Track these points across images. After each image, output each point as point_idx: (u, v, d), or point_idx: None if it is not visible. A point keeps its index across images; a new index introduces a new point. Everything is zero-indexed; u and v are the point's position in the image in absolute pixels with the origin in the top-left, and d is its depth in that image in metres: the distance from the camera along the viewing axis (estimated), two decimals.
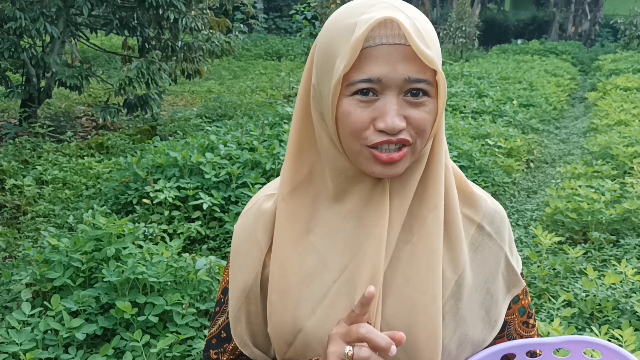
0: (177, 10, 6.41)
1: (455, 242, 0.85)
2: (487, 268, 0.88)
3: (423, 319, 0.81)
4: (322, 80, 0.78)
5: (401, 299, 0.82)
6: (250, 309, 0.88)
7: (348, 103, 0.75)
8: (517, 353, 0.89)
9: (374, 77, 0.74)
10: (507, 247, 0.91)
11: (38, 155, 5.48)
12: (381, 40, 0.73)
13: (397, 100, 0.75)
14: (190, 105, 9.36)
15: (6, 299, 3.09)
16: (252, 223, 0.89)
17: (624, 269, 3.09)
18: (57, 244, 3.04)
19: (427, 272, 0.82)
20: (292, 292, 0.83)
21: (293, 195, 0.84)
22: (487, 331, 0.88)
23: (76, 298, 2.73)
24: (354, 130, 0.76)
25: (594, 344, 0.87)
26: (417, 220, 0.82)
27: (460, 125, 6.70)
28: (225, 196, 4.06)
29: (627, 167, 5.30)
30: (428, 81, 0.76)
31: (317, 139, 0.83)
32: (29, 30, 5.67)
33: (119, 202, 4.15)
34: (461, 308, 0.85)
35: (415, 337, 0.81)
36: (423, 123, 0.76)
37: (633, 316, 2.93)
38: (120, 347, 2.59)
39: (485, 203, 0.90)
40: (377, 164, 0.77)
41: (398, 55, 0.74)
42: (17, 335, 2.49)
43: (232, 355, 0.91)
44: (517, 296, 0.93)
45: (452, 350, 0.85)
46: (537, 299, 3.37)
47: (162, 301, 2.71)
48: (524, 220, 4.84)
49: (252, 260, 0.88)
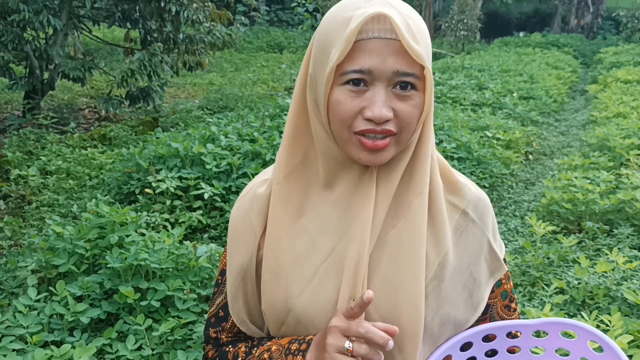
0: (179, 2, 6.46)
1: (439, 227, 0.90)
2: (470, 252, 0.93)
3: (406, 298, 0.86)
4: (318, 70, 0.83)
5: (386, 279, 0.87)
6: (246, 288, 0.93)
7: (339, 92, 0.80)
8: (498, 334, 0.94)
9: (364, 68, 0.79)
10: (490, 233, 0.96)
11: (42, 146, 5.55)
12: (374, 34, 0.78)
13: (386, 91, 0.80)
14: (192, 98, 9.41)
15: (12, 285, 3.16)
16: (248, 207, 0.94)
17: (615, 257, 3.16)
18: (62, 231, 3.12)
19: (411, 254, 0.86)
20: (284, 272, 0.89)
21: (288, 180, 0.90)
22: (470, 312, 0.93)
23: (80, 284, 2.81)
24: (343, 118, 0.81)
25: (569, 325, 0.92)
26: (403, 205, 0.88)
27: (459, 117, 6.75)
28: (226, 186, 4.13)
29: (624, 159, 5.36)
30: (416, 75, 0.80)
31: (311, 125, 0.88)
32: (32, 22, 5.72)
33: (121, 192, 4.23)
34: (443, 289, 0.90)
35: (399, 315, 0.86)
36: (409, 116, 0.81)
37: (623, 303, 2.99)
38: (124, 330, 2.66)
39: (469, 191, 0.95)
40: (363, 150, 0.82)
41: (388, 49, 0.78)
42: (24, 318, 2.57)
43: (230, 333, 0.97)
44: (500, 280, 0.98)
45: (435, 328, 0.90)
46: (530, 287, 3.44)
47: (164, 287, 2.78)
48: (520, 211, 4.90)
49: (248, 242, 0.93)
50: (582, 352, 0.91)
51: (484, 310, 0.97)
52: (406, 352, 0.86)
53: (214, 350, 0.97)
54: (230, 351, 0.93)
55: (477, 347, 0.94)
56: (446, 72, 11.06)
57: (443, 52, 16.66)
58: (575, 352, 0.91)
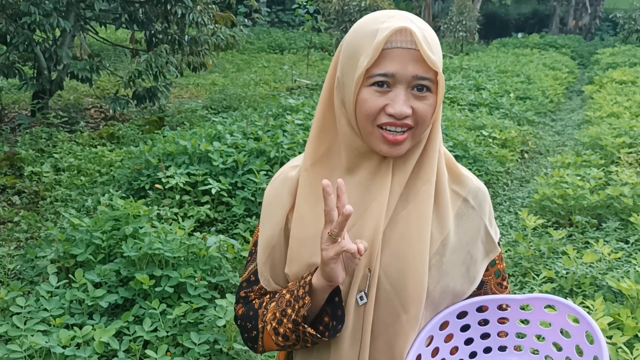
0: (185, 5, 6.64)
1: (443, 210, 1.06)
2: (469, 234, 1.08)
3: (413, 269, 1.02)
4: (347, 73, 0.99)
5: (396, 252, 1.02)
6: (274, 256, 1.09)
7: (366, 92, 0.97)
8: (490, 306, 1.09)
9: (389, 72, 0.95)
10: (487, 219, 1.11)
11: (53, 144, 5.74)
12: (397, 44, 0.95)
13: (405, 92, 0.96)
14: (195, 97, 9.59)
15: (32, 275, 3.35)
16: (279, 187, 1.10)
17: (601, 249, 3.34)
18: (80, 223, 3.30)
19: (418, 232, 1.02)
20: (309, 243, 1.04)
21: (314, 167, 1.06)
22: (467, 285, 1.08)
23: (98, 271, 2.99)
24: (369, 113, 0.97)
25: (552, 300, 1.06)
26: (413, 191, 1.03)
27: (457, 117, 6.93)
28: (232, 182, 4.32)
29: (615, 157, 5.54)
30: (431, 79, 0.97)
31: (336, 121, 1.04)
32: (43, 24, 5.91)
33: (132, 188, 4.41)
34: (444, 263, 1.05)
35: (406, 282, 1.02)
36: (424, 113, 0.98)
37: (608, 291, 3.17)
38: (139, 314, 2.85)
39: (470, 182, 1.11)
40: (385, 143, 0.98)
41: (409, 57, 0.95)
42: (47, 303, 2.75)
43: (257, 294, 1.13)
44: (494, 260, 1.13)
45: (436, 296, 1.05)
46: (522, 277, 3.62)
47: (176, 274, 2.97)
48: (515, 207, 5.08)
49: (278, 217, 1.09)
50: (562, 324, 1.05)
51: (479, 286, 1.12)
52: (410, 314, 1.02)
53: (243, 307, 1.13)
54: (256, 302, 1.11)
55: (471, 316, 1.09)
56: (444, 72, 11.23)
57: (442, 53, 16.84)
58: (556, 323, 1.06)
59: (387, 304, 1.02)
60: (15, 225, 4.12)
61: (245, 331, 1.10)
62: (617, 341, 2.44)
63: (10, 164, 5.26)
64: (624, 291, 2.78)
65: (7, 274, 3.34)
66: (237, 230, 3.93)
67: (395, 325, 1.03)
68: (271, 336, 1.04)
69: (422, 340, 1.05)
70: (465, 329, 1.10)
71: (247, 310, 1.10)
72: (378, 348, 1.04)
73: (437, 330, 1.07)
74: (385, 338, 1.03)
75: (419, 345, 1.04)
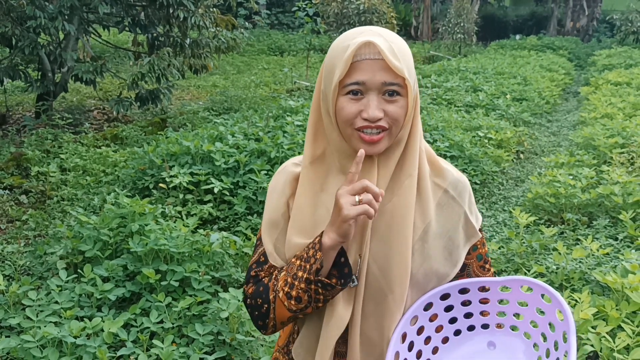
0: (187, 9, 6.77)
1: (425, 201, 1.18)
2: (450, 221, 1.20)
3: (397, 253, 1.14)
4: (327, 86, 1.12)
5: (383, 239, 1.15)
6: (278, 236, 1.21)
7: (343, 100, 1.10)
8: (471, 288, 1.20)
9: (360, 81, 1.08)
10: (466, 207, 1.23)
11: (58, 145, 5.87)
12: (365, 56, 1.08)
13: (377, 98, 1.09)
14: (197, 99, 9.72)
15: (41, 270, 3.48)
16: (282, 179, 1.23)
17: (590, 245, 3.47)
18: (87, 220, 3.43)
19: (402, 222, 1.14)
20: (306, 231, 1.17)
21: (312, 166, 1.19)
22: (449, 267, 1.19)
23: (106, 267, 3.12)
24: (347, 119, 1.10)
25: (528, 282, 1.17)
26: (397, 184, 1.15)
27: (453, 118, 7.05)
28: (234, 181, 4.45)
29: (608, 157, 5.67)
30: (399, 84, 1.09)
31: (325, 129, 1.16)
32: (48, 28, 6.04)
33: (136, 187, 4.54)
34: (427, 248, 1.17)
35: (391, 266, 1.14)
36: (396, 115, 1.10)
37: (597, 285, 3.30)
38: (146, 307, 2.98)
39: (450, 174, 1.23)
40: (363, 143, 1.11)
41: (377, 66, 1.07)
42: (57, 296, 2.88)
43: (267, 273, 1.22)
44: (476, 245, 1.25)
45: (420, 278, 1.17)
46: (514, 273, 3.74)
47: (181, 269, 3.09)
48: (509, 206, 5.20)
49: (280, 204, 1.22)
50: (537, 303, 1.16)
51: (462, 268, 1.23)
52: (396, 293, 1.14)
53: (253, 285, 1.23)
54: (265, 279, 1.21)
55: (454, 298, 1.20)
56: (442, 74, 11.35)
57: (440, 55, 16.97)
58: (532, 302, 1.16)
59: (375, 285, 1.15)
60: (24, 224, 4.25)
61: (255, 309, 1.18)
62: (601, 331, 2.57)
63: (17, 164, 5.39)
64: (610, 284, 2.91)
65: (18, 270, 3.46)
66: (239, 227, 4.06)
67: (383, 305, 1.15)
68: (283, 302, 1.12)
69: (406, 320, 1.16)
70: (449, 310, 1.20)
71: (257, 287, 1.19)
72: (369, 326, 1.15)
73: (422, 310, 1.18)
74: (375, 317, 1.15)
75: (404, 324, 1.15)
